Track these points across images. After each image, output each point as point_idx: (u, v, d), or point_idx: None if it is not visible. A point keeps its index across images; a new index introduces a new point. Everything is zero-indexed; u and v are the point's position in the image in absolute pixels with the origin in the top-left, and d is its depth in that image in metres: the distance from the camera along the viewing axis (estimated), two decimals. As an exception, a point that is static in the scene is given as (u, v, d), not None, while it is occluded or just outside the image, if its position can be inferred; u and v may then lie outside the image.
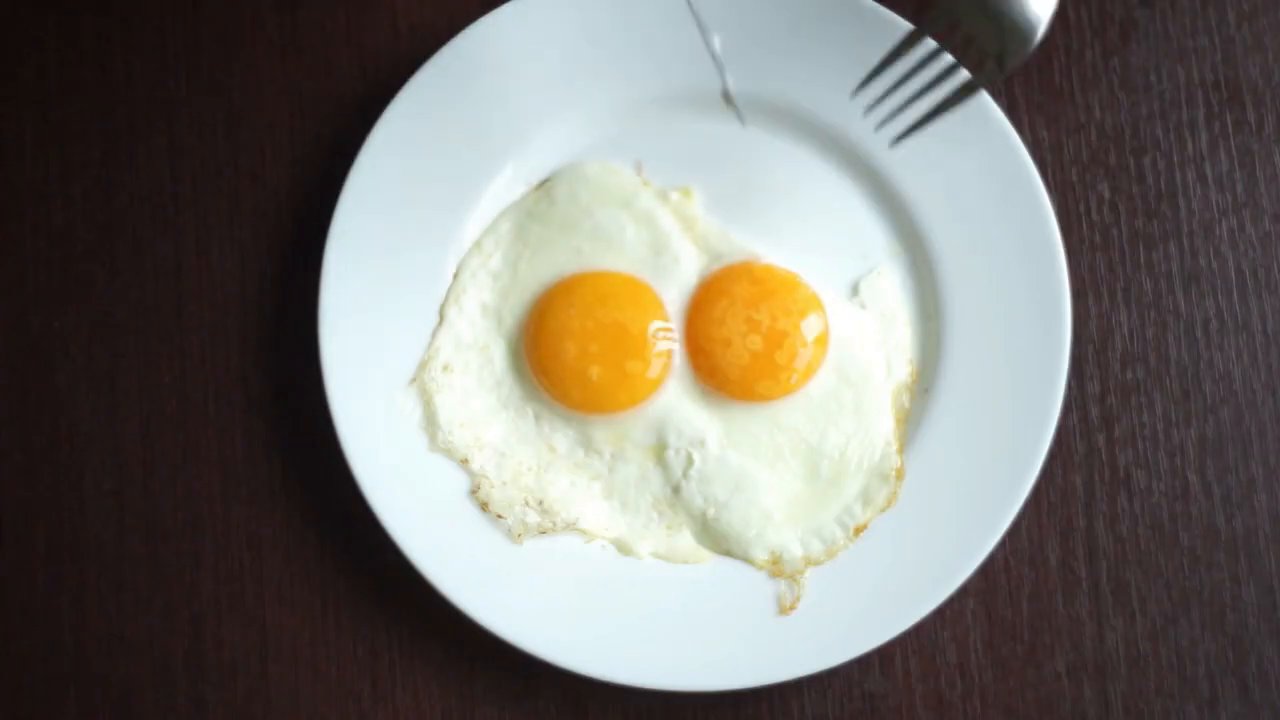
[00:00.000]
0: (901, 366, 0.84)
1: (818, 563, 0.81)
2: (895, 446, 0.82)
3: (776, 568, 0.81)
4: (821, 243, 0.85)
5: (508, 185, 0.85)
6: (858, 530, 0.82)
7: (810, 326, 0.82)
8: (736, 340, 0.82)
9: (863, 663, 0.82)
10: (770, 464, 0.82)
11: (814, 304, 0.82)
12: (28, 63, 0.88)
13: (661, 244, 0.84)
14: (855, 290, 0.84)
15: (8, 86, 0.87)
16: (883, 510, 0.82)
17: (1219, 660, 0.83)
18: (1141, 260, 0.86)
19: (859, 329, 0.83)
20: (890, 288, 0.84)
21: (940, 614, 0.82)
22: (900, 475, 0.82)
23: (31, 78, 0.87)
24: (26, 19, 0.88)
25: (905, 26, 0.82)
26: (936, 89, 0.74)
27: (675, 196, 0.85)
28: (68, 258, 0.86)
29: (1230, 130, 0.87)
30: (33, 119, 0.87)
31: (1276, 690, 0.83)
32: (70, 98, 0.87)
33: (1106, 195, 0.87)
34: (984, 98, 0.82)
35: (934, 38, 0.72)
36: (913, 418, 0.83)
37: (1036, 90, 0.87)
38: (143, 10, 0.88)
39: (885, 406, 0.83)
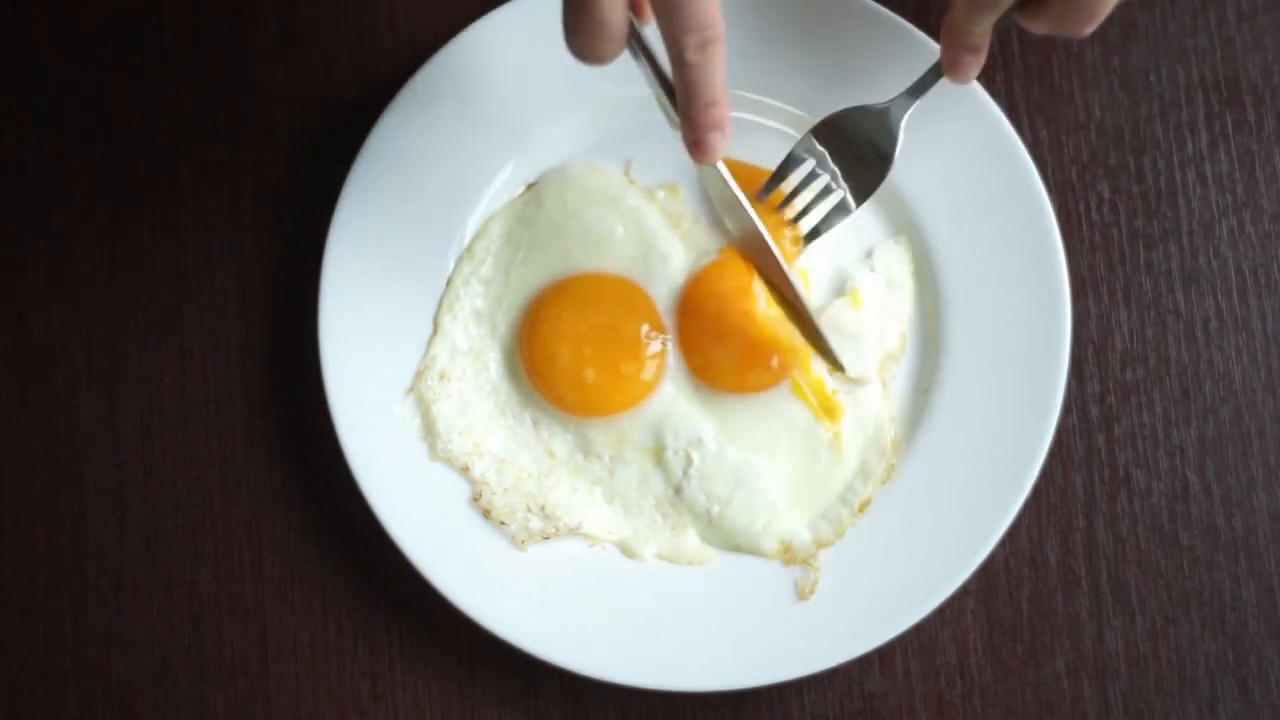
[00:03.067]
0: (893, 333, 0.83)
1: (829, 543, 0.81)
2: (887, 415, 0.82)
3: (789, 555, 0.81)
4: (817, 241, 0.84)
5: (508, 186, 0.85)
6: (861, 506, 0.82)
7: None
8: (730, 333, 0.82)
9: (863, 663, 0.82)
10: (769, 454, 0.83)
11: (803, 284, 0.83)
12: (27, 63, 0.88)
13: (650, 243, 0.84)
14: (869, 253, 0.84)
15: (8, 86, 0.88)
16: (883, 483, 0.82)
17: (1219, 660, 0.83)
18: (1141, 260, 0.86)
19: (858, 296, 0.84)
20: (902, 257, 0.84)
21: (940, 614, 0.82)
22: (896, 446, 0.82)
23: (31, 78, 0.87)
24: (26, 19, 0.88)
25: (904, 26, 0.83)
26: (821, 203, 0.82)
27: (661, 195, 0.85)
28: (68, 258, 0.86)
29: (1230, 130, 0.87)
30: (33, 119, 0.87)
31: (1276, 690, 0.83)
32: (70, 98, 0.87)
33: (1106, 195, 0.87)
34: (984, 97, 0.82)
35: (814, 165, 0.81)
36: (913, 417, 0.83)
37: (1036, 90, 0.87)
38: (143, 10, 0.88)
39: (872, 376, 0.83)
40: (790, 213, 0.82)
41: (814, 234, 0.82)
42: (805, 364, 0.82)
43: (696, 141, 0.70)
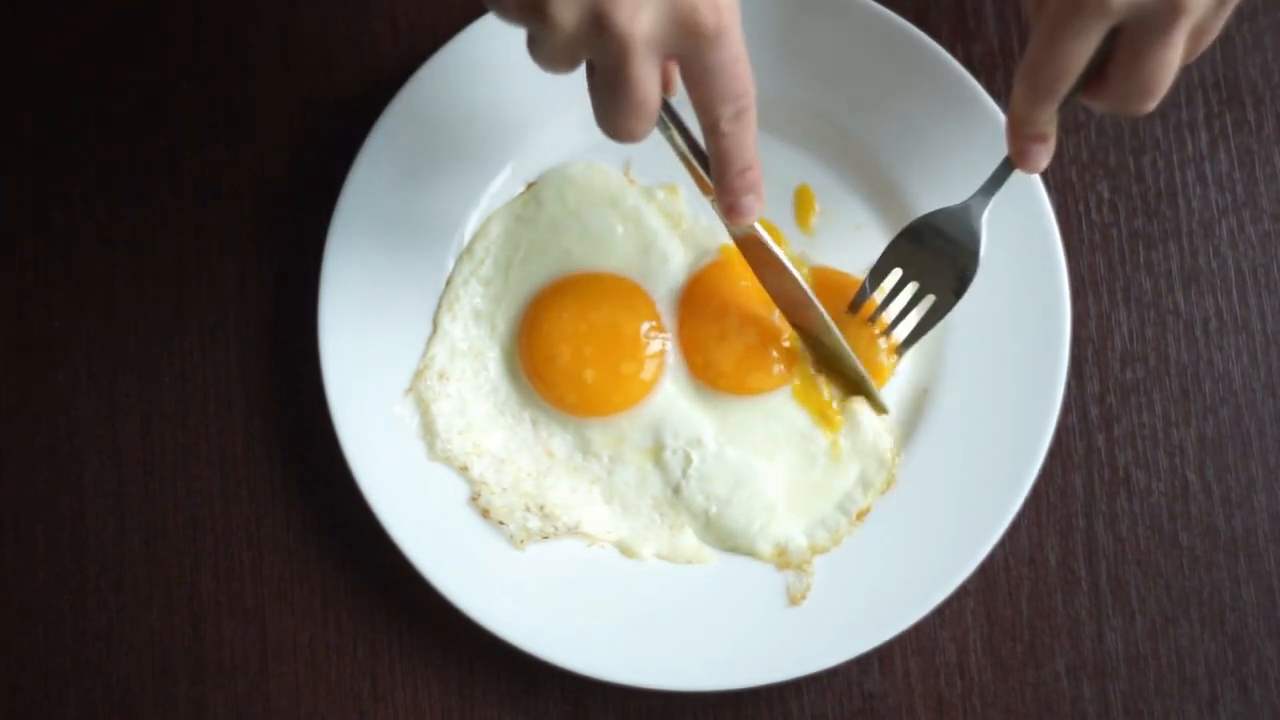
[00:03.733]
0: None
1: (824, 550, 0.81)
2: (885, 427, 0.82)
3: (784, 559, 0.81)
4: (816, 241, 0.85)
5: (508, 186, 0.85)
6: (860, 515, 0.82)
7: None
8: (731, 334, 0.82)
9: (863, 663, 0.82)
10: (768, 456, 0.82)
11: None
12: (28, 63, 0.88)
13: (649, 242, 0.84)
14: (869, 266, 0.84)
15: (8, 86, 0.88)
16: (882, 493, 0.82)
17: (1219, 660, 0.83)
18: (1141, 260, 0.86)
19: None
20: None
21: (940, 614, 0.82)
22: (895, 456, 0.82)
23: (32, 78, 0.87)
24: (26, 19, 0.88)
25: (903, 25, 0.83)
26: (917, 306, 0.81)
27: (661, 195, 0.85)
28: (68, 258, 0.86)
29: (1230, 130, 0.87)
30: (33, 119, 0.87)
31: (1276, 690, 0.83)
32: (70, 98, 0.87)
33: (1106, 195, 0.87)
34: (983, 97, 0.82)
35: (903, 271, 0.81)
36: (912, 418, 0.83)
37: (1036, 90, 0.87)
38: (143, 10, 0.88)
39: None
40: (880, 326, 0.82)
41: (909, 341, 0.82)
42: (804, 372, 0.82)
43: (732, 206, 0.71)
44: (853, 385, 0.82)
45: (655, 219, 0.84)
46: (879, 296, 0.82)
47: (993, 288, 0.82)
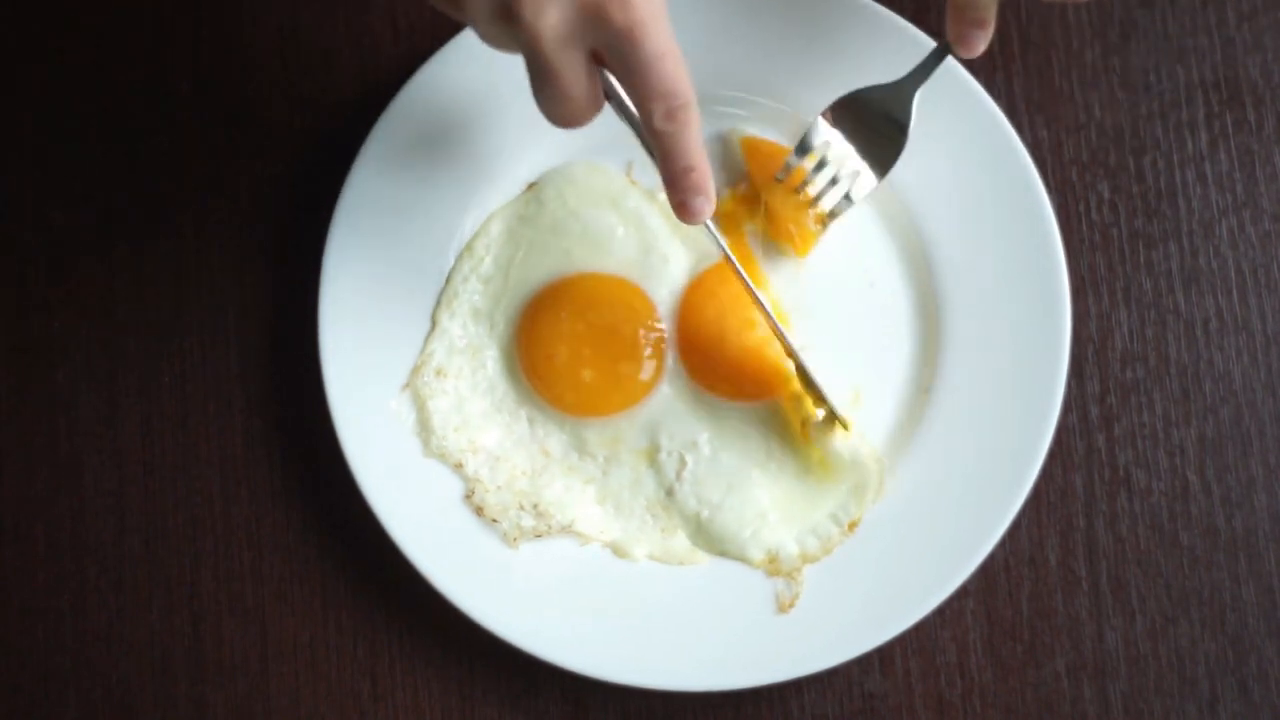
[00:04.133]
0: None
1: (815, 559, 0.81)
2: (870, 442, 0.82)
3: (774, 566, 0.81)
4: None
5: (508, 186, 0.85)
6: (852, 525, 0.82)
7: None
8: (729, 339, 0.82)
9: (863, 663, 0.82)
10: (761, 464, 0.82)
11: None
12: (28, 62, 0.88)
13: (650, 244, 0.84)
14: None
15: (8, 86, 0.88)
16: (874, 503, 0.82)
17: (1219, 660, 0.83)
18: (1141, 260, 0.86)
19: None
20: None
21: (940, 614, 0.82)
22: (883, 470, 0.82)
23: (31, 77, 0.87)
24: (26, 19, 0.88)
25: (902, 25, 0.83)
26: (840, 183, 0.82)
27: (663, 196, 0.85)
28: (68, 258, 0.86)
29: (1230, 130, 0.87)
30: (32, 119, 0.87)
31: (1276, 690, 0.83)
32: (70, 97, 0.87)
33: (1106, 195, 0.87)
34: (984, 97, 0.82)
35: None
36: (912, 417, 0.83)
37: (1036, 90, 0.87)
38: (143, 10, 0.88)
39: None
40: (812, 191, 0.82)
41: (834, 213, 0.82)
42: (788, 391, 0.82)
43: (681, 204, 0.71)
44: (826, 407, 0.82)
45: (656, 220, 0.84)
46: (808, 165, 0.82)
47: (993, 288, 0.82)
